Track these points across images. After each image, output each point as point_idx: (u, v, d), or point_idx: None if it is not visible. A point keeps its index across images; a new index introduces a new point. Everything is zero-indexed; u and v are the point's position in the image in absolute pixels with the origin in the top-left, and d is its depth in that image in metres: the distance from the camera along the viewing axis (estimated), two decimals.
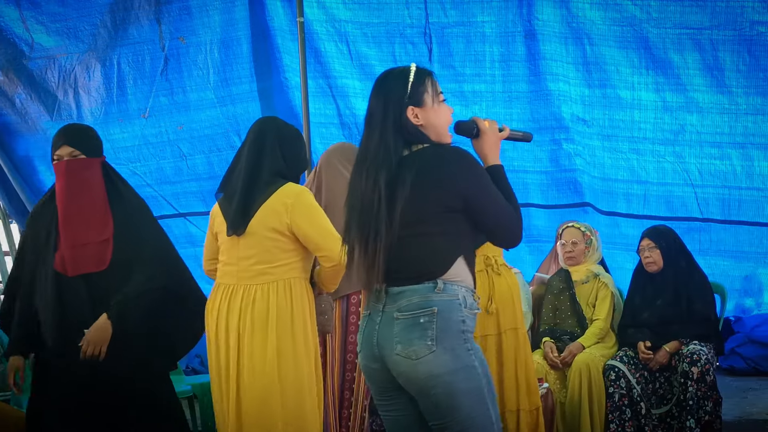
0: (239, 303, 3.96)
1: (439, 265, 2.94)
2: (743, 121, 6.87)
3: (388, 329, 2.94)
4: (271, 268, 3.95)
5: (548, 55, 6.95)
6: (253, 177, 3.97)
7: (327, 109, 7.37)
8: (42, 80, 7.29)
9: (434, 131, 3.05)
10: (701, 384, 5.08)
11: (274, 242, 3.94)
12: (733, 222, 7.21)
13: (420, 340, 2.89)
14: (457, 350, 2.91)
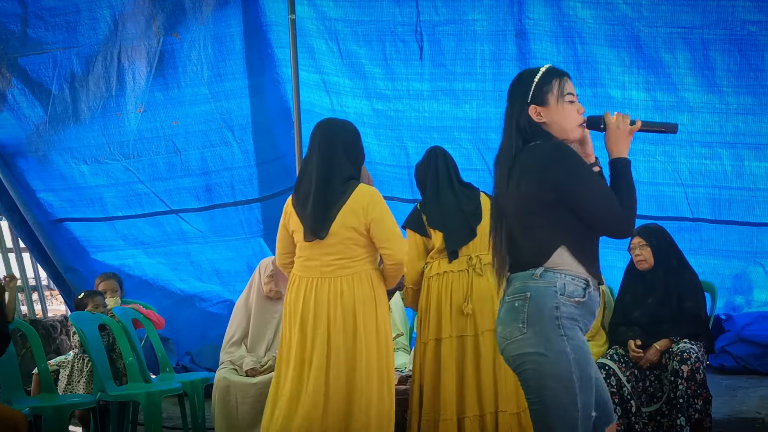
0: (326, 295, 4.35)
1: (540, 254, 3.11)
2: (734, 120, 6.88)
3: (500, 312, 3.21)
4: (351, 262, 4.39)
5: (539, 54, 6.95)
6: (326, 184, 4.34)
7: (323, 102, 7.42)
8: (36, 75, 7.29)
9: (558, 129, 3.20)
10: (691, 382, 5.09)
11: (354, 240, 4.37)
12: (723, 222, 7.22)
13: (513, 322, 3.11)
14: (549, 334, 3.06)
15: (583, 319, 3.13)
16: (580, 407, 3.05)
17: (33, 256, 7.98)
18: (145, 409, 5.47)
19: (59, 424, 5.08)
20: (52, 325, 7.74)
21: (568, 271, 3.10)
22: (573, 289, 3.09)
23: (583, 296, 3.10)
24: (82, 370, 5.77)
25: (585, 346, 3.11)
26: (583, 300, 3.11)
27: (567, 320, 3.07)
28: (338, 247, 4.37)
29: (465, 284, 4.96)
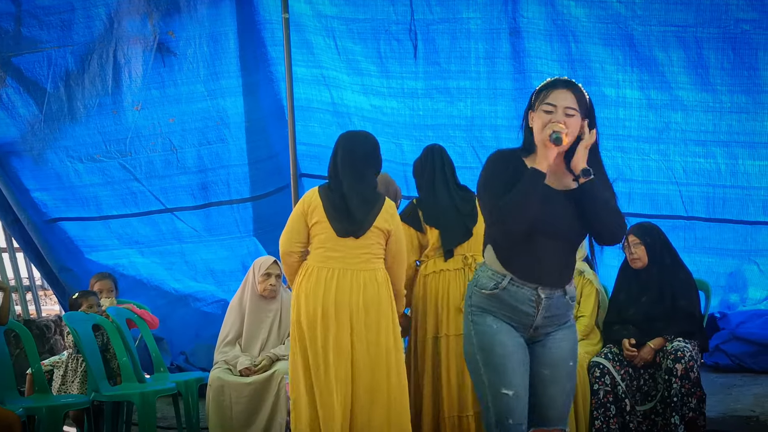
0: (349, 284, 4.60)
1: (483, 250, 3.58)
2: (727, 119, 6.87)
3: None
4: (374, 258, 4.69)
5: (533, 53, 6.95)
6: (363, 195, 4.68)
7: (322, 96, 7.43)
8: (30, 73, 7.27)
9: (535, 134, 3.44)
10: (685, 381, 5.09)
11: (379, 243, 4.69)
12: (717, 220, 7.22)
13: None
14: (465, 319, 3.55)
15: (499, 309, 3.46)
16: (488, 386, 3.43)
17: (27, 256, 7.96)
18: (139, 409, 5.47)
19: (53, 424, 5.07)
20: (46, 325, 7.73)
21: (491, 266, 3.50)
22: (485, 282, 3.48)
23: (492, 289, 3.45)
24: (76, 370, 5.76)
25: (492, 331, 3.45)
26: (493, 292, 3.45)
27: (476, 308, 3.49)
28: (368, 245, 4.66)
29: (462, 283, 5.02)
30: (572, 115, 3.40)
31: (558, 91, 3.42)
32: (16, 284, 8.18)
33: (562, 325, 3.57)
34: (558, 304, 3.51)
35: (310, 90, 7.40)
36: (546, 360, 3.53)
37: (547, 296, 3.46)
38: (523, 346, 3.49)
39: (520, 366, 3.45)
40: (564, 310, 3.55)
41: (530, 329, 3.50)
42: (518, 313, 3.46)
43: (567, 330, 3.58)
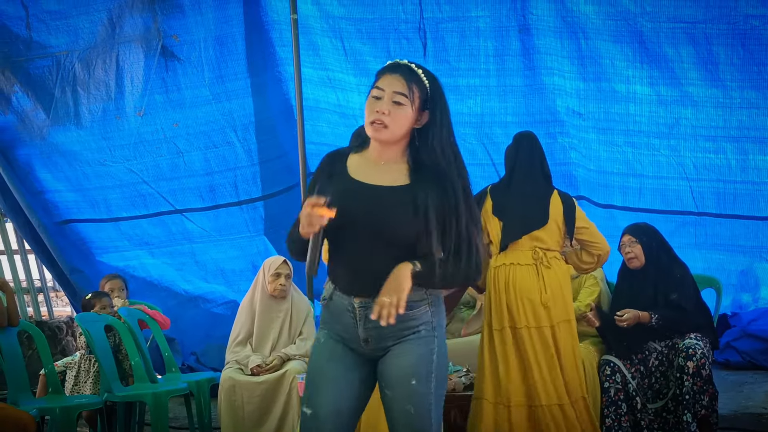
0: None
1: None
2: (737, 114, 6.85)
3: None
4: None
5: (543, 49, 6.94)
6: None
7: (329, 98, 7.44)
8: (39, 78, 7.30)
9: (365, 124, 3.16)
10: (697, 378, 5.08)
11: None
12: (728, 216, 7.20)
13: None
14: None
15: (332, 322, 3.18)
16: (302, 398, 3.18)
17: (38, 258, 7.99)
18: (151, 410, 5.48)
19: (67, 425, 5.09)
20: (57, 326, 7.75)
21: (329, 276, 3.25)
22: (324, 293, 3.23)
23: (324, 299, 3.22)
24: (89, 370, 5.78)
25: (317, 345, 3.20)
26: (325, 303, 3.21)
27: (321, 320, 3.24)
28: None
29: (536, 277, 4.98)
30: (400, 104, 3.05)
31: (390, 76, 3.09)
32: (28, 286, 8.21)
33: (404, 338, 3.10)
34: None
35: (317, 91, 7.41)
36: (386, 379, 3.11)
37: (362, 305, 3.09)
38: (348, 364, 3.13)
39: (330, 384, 3.10)
40: (396, 321, 3.00)
41: (360, 342, 3.12)
42: (345, 325, 3.13)
43: (410, 344, 3.10)
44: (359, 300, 3.09)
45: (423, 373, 3.09)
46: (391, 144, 3.13)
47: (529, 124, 7.14)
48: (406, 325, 3.09)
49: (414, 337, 3.11)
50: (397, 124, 3.07)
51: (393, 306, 2.94)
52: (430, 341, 3.12)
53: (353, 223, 3.05)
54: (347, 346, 3.15)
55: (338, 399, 3.10)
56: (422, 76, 3.12)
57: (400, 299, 2.95)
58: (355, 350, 3.15)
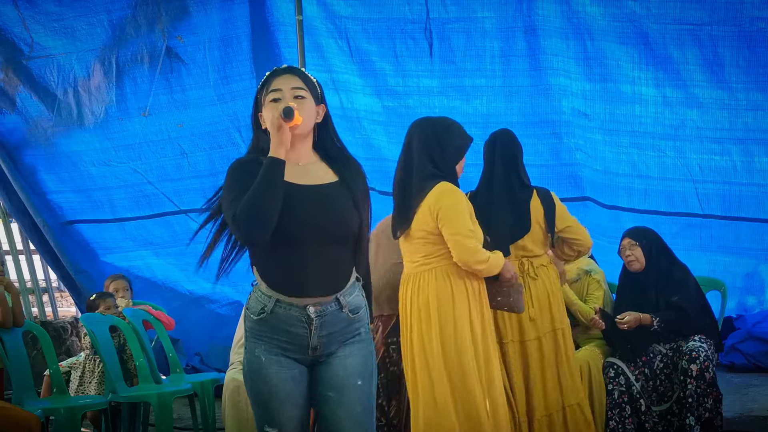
0: (410, 290, 4.43)
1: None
2: (743, 116, 6.83)
3: None
4: (428, 259, 4.39)
5: (549, 50, 6.94)
6: (406, 185, 4.45)
7: (331, 101, 7.36)
8: (42, 79, 7.30)
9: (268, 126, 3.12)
10: (701, 381, 5.07)
11: (428, 240, 4.37)
12: (733, 218, 7.19)
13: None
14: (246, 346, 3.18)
15: (271, 335, 3.10)
16: (256, 418, 3.16)
17: (43, 258, 8.00)
18: (156, 410, 5.48)
19: (71, 425, 5.09)
20: (62, 326, 7.77)
21: (259, 287, 3.13)
22: (253, 305, 3.13)
23: (260, 313, 3.10)
24: (94, 371, 5.78)
25: (258, 363, 3.11)
26: (262, 317, 3.09)
27: (249, 334, 3.14)
28: (417, 245, 4.44)
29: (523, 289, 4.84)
30: (303, 97, 3.11)
31: (281, 77, 3.14)
32: (33, 286, 8.22)
33: (346, 341, 3.16)
34: (334, 321, 3.11)
35: None
36: (330, 382, 3.13)
37: (318, 314, 3.08)
38: (295, 377, 3.13)
39: (286, 401, 3.10)
40: (344, 326, 3.13)
41: (308, 350, 3.12)
42: (292, 336, 3.09)
43: (353, 346, 3.17)
44: (315, 307, 3.07)
45: (367, 374, 3.18)
46: (301, 142, 3.15)
47: (535, 124, 7.14)
48: (350, 328, 3.16)
49: (356, 339, 3.18)
50: (307, 116, 3.11)
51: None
52: (369, 342, 3.22)
53: (300, 225, 3.05)
54: (288, 357, 3.12)
55: (297, 412, 3.14)
56: (309, 74, 3.22)
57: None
58: (297, 359, 3.14)
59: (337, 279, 3.12)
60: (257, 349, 3.11)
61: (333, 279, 3.10)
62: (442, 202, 4.33)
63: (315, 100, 3.17)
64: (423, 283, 4.41)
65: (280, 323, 3.08)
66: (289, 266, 3.06)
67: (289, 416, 3.11)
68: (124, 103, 7.36)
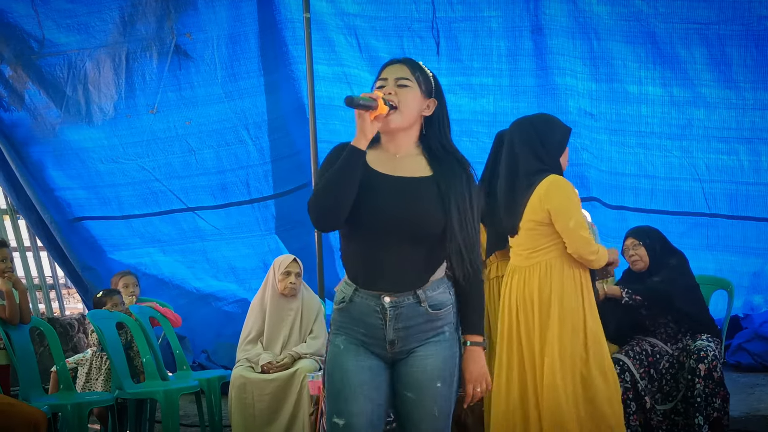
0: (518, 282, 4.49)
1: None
2: (750, 116, 6.84)
3: None
4: (536, 252, 4.45)
5: (555, 50, 6.94)
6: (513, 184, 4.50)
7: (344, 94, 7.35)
8: (51, 76, 7.32)
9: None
10: (709, 381, 5.06)
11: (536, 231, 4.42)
12: (740, 217, 7.18)
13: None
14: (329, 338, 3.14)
15: (351, 326, 3.05)
16: (327, 410, 3.07)
17: (50, 255, 8.02)
18: (162, 407, 5.50)
19: (78, 421, 5.11)
20: (69, 323, 7.78)
21: (345, 278, 3.10)
22: (337, 296, 3.10)
23: (340, 303, 3.07)
24: (100, 368, 5.79)
25: (336, 352, 3.05)
26: (341, 306, 3.07)
27: (334, 324, 3.11)
28: (524, 239, 4.49)
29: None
30: (406, 86, 3.02)
31: (391, 66, 3.09)
32: (40, 283, 8.24)
33: (428, 339, 3.04)
34: (411, 314, 3.01)
35: (331, 88, 7.41)
36: (409, 381, 3.04)
37: (393, 305, 3.00)
38: (372, 368, 3.04)
39: (359, 391, 3.01)
40: (422, 321, 3.02)
41: (386, 344, 3.03)
42: (369, 327, 3.03)
43: (436, 345, 3.05)
44: (390, 299, 3.00)
45: (447, 376, 3.06)
46: (402, 132, 3.07)
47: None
48: (432, 326, 3.05)
49: (439, 339, 3.06)
50: (406, 106, 3.02)
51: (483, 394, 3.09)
52: (454, 344, 3.09)
53: (377, 216, 2.98)
54: (368, 349, 3.05)
55: (369, 406, 3.03)
56: (425, 67, 3.12)
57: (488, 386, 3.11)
58: (377, 354, 3.06)
59: (415, 275, 3.02)
60: (337, 339, 3.07)
61: (410, 274, 3.01)
62: (553, 194, 4.38)
63: (423, 92, 3.06)
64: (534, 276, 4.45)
65: (357, 314, 3.03)
66: (366, 256, 3.02)
67: (360, 408, 3.01)
68: (132, 100, 7.38)
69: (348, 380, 3.01)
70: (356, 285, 3.03)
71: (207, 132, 7.54)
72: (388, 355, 3.06)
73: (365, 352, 3.04)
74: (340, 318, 3.08)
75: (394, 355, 3.05)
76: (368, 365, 3.04)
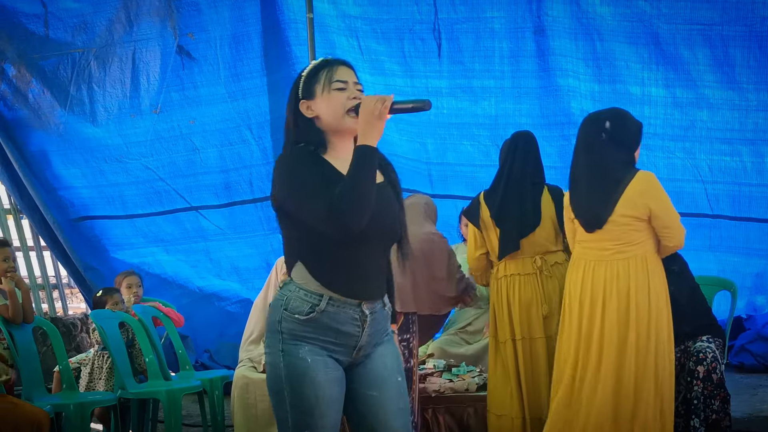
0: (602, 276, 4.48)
1: (287, 266, 3.04)
2: (753, 117, 6.83)
3: None
4: (627, 247, 4.47)
5: (558, 51, 6.94)
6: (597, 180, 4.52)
7: None
8: (54, 75, 7.34)
9: (327, 119, 3.03)
10: (708, 383, 5.03)
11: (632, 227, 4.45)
12: (743, 219, 7.18)
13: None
14: (272, 347, 2.99)
15: (317, 335, 2.96)
16: (291, 425, 2.98)
17: (53, 255, 8.03)
18: (165, 407, 5.50)
19: (81, 421, 5.12)
20: (72, 323, 7.79)
21: (304, 285, 2.97)
22: (297, 305, 2.96)
23: (309, 313, 2.95)
24: (102, 367, 5.80)
25: (303, 366, 2.94)
26: (311, 317, 2.95)
27: (288, 335, 2.96)
28: (616, 233, 4.49)
29: (536, 286, 4.92)
30: (363, 92, 3.10)
31: (343, 68, 3.10)
32: (43, 282, 8.26)
33: (382, 341, 3.10)
34: (379, 318, 3.06)
35: None
36: (370, 380, 3.05)
37: (371, 311, 3.02)
38: (339, 380, 3.01)
39: (332, 407, 2.99)
40: (384, 324, 3.09)
41: (354, 351, 3.03)
42: (341, 336, 2.98)
43: (387, 345, 3.12)
44: (369, 306, 3.00)
45: (402, 371, 3.16)
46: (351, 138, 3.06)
47: (544, 126, 7.13)
48: (386, 327, 3.12)
49: (387, 339, 3.14)
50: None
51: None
52: (393, 341, 3.18)
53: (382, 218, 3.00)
54: (332, 357, 3.00)
55: (337, 417, 3.02)
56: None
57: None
58: (339, 360, 3.02)
59: (385, 280, 3.10)
60: (301, 350, 2.96)
61: (383, 281, 3.08)
62: (654, 193, 4.46)
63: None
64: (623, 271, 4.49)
65: (330, 322, 2.97)
66: (348, 265, 2.97)
67: (333, 422, 2.99)
68: (136, 99, 7.39)
69: (322, 396, 2.96)
70: (333, 293, 2.96)
71: (210, 131, 7.55)
72: (350, 361, 3.05)
73: (332, 362, 3.00)
74: (303, 328, 2.96)
75: (356, 359, 3.06)
76: (336, 377, 3.00)
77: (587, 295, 4.54)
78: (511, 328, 4.95)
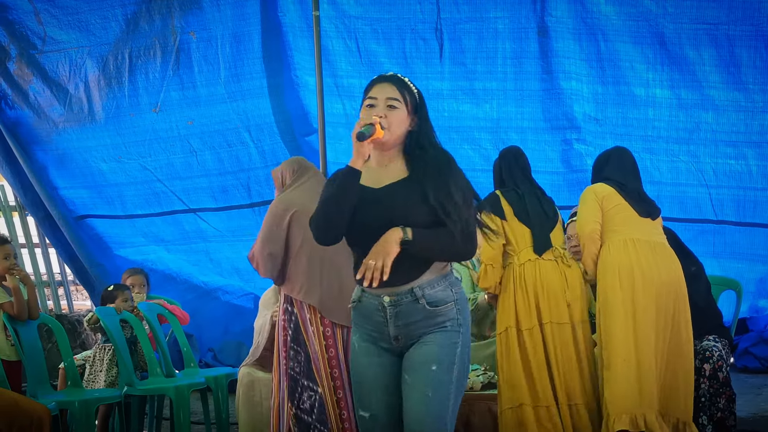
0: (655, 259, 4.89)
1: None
2: (760, 119, 6.79)
3: None
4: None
5: (561, 53, 6.91)
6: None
7: (334, 109, 7.32)
8: (54, 73, 7.32)
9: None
10: (714, 381, 5.04)
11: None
12: (747, 224, 7.13)
13: None
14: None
15: (362, 323, 3.36)
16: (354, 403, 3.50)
17: (58, 252, 8.01)
18: (174, 403, 5.51)
19: (85, 418, 5.11)
20: (77, 320, 7.77)
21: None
22: (353, 296, 3.38)
23: (353, 302, 3.37)
24: (103, 359, 5.78)
25: (353, 351, 3.39)
26: (354, 305, 3.36)
27: (352, 323, 3.44)
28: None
29: (558, 273, 5.04)
30: (395, 107, 3.28)
31: (380, 85, 3.34)
32: (48, 279, 8.25)
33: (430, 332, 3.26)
34: (410, 311, 3.24)
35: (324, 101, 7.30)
36: (407, 365, 3.26)
37: (392, 303, 3.24)
38: (382, 365, 3.32)
39: (375, 387, 3.31)
40: (422, 318, 3.25)
41: (391, 339, 3.29)
42: (375, 324, 3.31)
43: (434, 335, 3.25)
44: (389, 298, 3.24)
45: (445, 362, 3.24)
46: (390, 147, 3.32)
47: (545, 130, 7.12)
48: (433, 321, 3.26)
49: (439, 330, 3.27)
50: (396, 126, 3.28)
51: (378, 269, 3.13)
52: (454, 335, 3.28)
53: (370, 225, 3.22)
54: (378, 345, 3.34)
55: (388, 397, 3.30)
56: (410, 84, 3.37)
57: (385, 264, 3.13)
58: (386, 348, 3.33)
59: (408, 271, 3.23)
60: (354, 336, 3.41)
61: (402, 271, 3.21)
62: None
63: (410, 111, 3.32)
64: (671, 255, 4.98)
65: (366, 312, 3.33)
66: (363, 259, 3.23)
67: (378, 400, 3.31)
68: (135, 98, 7.35)
69: (363, 377, 3.34)
70: (363, 286, 3.25)
71: (209, 133, 7.50)
72: (396, 348, 3.32)
73: (375, 348, 3.35)
74: (354, 316, 3.38)
75: (401, 348, 3.32)
76: (378, 361, 3.33)
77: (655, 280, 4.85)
78: (537, 313, 5.00)
